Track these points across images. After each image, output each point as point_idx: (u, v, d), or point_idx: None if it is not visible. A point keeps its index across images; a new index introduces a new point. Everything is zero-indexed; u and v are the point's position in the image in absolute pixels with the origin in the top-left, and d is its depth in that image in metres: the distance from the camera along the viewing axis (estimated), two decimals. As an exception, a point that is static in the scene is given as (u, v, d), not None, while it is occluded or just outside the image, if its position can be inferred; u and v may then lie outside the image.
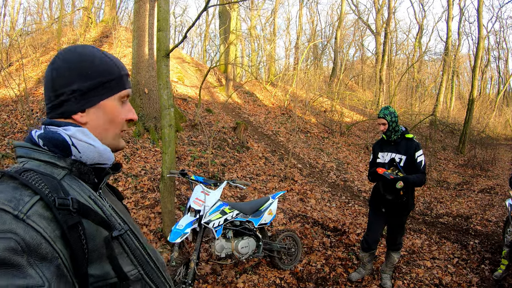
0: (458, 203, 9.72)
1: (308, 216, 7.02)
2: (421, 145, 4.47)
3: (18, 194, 0.81)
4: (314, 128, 15.44)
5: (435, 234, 6.93)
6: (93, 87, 1.02)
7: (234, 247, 4.32)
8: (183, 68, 17.99)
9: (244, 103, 16.38)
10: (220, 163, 8.65)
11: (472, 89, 18.62)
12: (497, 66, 38.03)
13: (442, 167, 14.52)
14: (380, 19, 28.37)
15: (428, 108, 25.44)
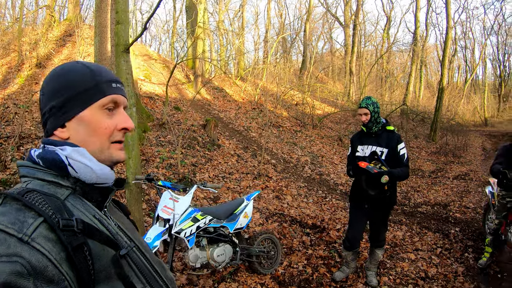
0: (434, 191, 9.71)
1: (285, 214, 6.75)
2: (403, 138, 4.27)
3: (22, 216, 0.79)
4: (286, 122, 15.23)
5: (416, 225, 6.84)
6: (68, 100, 0.98)
7: (210, 256, 3.96)
8: (150, 66, 17.41)
9: (213, 99, 15.99)
10: (191, 163, 8.26)
11: (441, 78, 18.94)
12: (463, 55, 39.35)
13: (415, 155, 14.62)
14: (348, 11, 28.54)
15: (398, 98, 25.77)
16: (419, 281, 4.67)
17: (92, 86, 0.99)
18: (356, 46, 25.60)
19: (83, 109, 0.98)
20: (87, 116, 0.98)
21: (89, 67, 1.03)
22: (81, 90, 0.98)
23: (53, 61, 13.29)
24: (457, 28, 34.91)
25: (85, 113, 0.98)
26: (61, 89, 0.98)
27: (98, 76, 1.01)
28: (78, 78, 0.99)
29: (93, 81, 1.00)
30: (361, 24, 31.39)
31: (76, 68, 1.01)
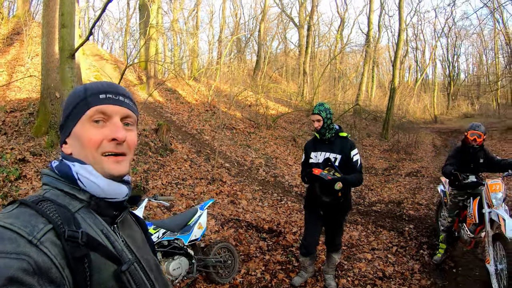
0: (388, 188, 9.99)
1: (240, 219, 6.71)
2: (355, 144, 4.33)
3: (34, 221, 0.84)
4: (240, 123, 15.19)
5: (371, 224, 7.01)
6: (66, 118, 1.04)
7: (165, 270, 3.87)
8: (101, 66, 16.80)
9: (166, 102, 15.68)
10: (143, 170, 8.03)
11: (393, 78, 19.62)
12: (414, 56, 41.40)
13: (368, 153, 15.01)
14: (303, 12, 28.87)
15: (351, 98, 26.40)
16: (377, 281, 4.78)
17: (80, 101, 1.02)
18: (310, 46, 25.97)
19: (75, 124, 1.02)
20: (77, 131, 1.02)
21: (87, 85, 1.06)
22: (73, 106, 1.02)
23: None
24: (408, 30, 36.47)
25: (76, 128, 1.02)
26: (63, 110, 1.06)
27: (88, 90, 1.04)
28: (72, 97, 1.05)
29: (83, 95, 1.03)
30: (315, 25, 31.92)
31: (77, 89, 1.06)
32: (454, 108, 37.88)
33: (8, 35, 14.40)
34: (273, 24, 35.82)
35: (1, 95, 10.52)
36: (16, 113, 8.76)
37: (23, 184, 6.20)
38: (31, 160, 6.83)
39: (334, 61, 28.50)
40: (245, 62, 28.84)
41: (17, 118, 8.51)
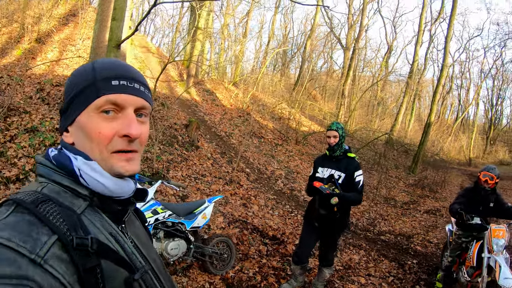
0: (402, 221, 9.94)
1: (248, 222, 6.94)
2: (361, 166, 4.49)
3: (35, 233, 0.73)
4: (269, 134, 15.44)
5: (374, 251, 7.02)
6: (69, 102, 0.91)
7: (164, 248, 4.21)
8: (147, 59, 17.53)
9: (202, 101, 16.15)
10: (167, 160, 8.43)
11: (430, 113, 19.31)
12: (458, 94, 40.34)
13: (392, 184, 14.90)
14: (351, 35, 28.88)
15: (387, 127, 26.13)
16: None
17: (87, 86, 0.89)
18: (353, 70, 25.92)
19: (80, 113, 0.89)
20: (82, 120, 0.89)
21: (95, 64, 0.93)
22: (78, 91, 0.89)
23: (52, 38, 13.36)
24: (455, 67, 35.80)
25: (81, 117, 0.89)
26: (66, 91, 0.93)
27: (98, 73, 0.90)
28: (78, 78, 0.91)
29: (91, 79, 0.89)
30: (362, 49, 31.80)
31: (83, 67, 0.93)
32: (491, 153, 36.77)
33: (65, 15, 15.34)
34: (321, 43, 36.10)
35: (50, 69, 11.30)
36: (60, 87, 9.41)
37: (55, 151, 6.71)
38: (66, 132, 7.33)
39: (375, 88, 28.38)
40: (288, 76, 29.11)
41: (60, 92, 9.14)
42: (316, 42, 33.36)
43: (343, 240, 7.18)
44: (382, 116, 29.56)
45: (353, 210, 9.63)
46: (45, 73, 10.80)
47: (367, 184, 12.69)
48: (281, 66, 33.38)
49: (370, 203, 10.83)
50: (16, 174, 5.59)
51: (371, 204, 10.75)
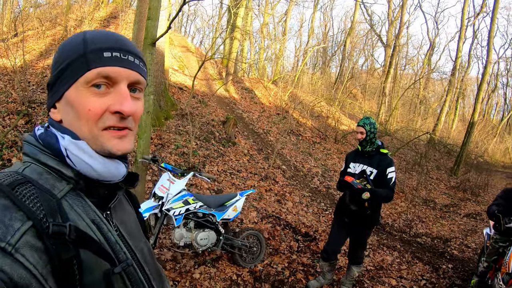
0: (440, 224, 9.65)
1: (281, 218, 6.96)
2: (394, 163, 4.39)
3: (8, 218, 0.67)
4: (308, 131, 15.37)
5: (409, 253, 6.84)
6: (57, 76, 0.84)
7: (194, 238, 4.30)
8: (187, 58, 17.93)
9: (240, 99, 16.31)
10: (203, 155, 8.60)
11: (473, 112, 18.54)
12: (504, 93, 38.14)
13: (432, 186, 14.47)
14: (392, 32, 28.12)
15: (429, 126, 25.37)
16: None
17: (77, 58, 0.82)
18: (393, 67, 25.25)
19: (69, 87, 0.83)
20: (71, 96, 0.83)
21: (85, 34, 0.85)
22: (68, 63, 0.82)
23: (94, 40, 13.92)
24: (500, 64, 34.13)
25: (69, 92, 0.83)
26: (54, 64, 0.86)
27: (89, 43, 0.83)
28: (68, 49, 0.84)
29: (81, 50, 0.82)
30: (403, 46, 30.93)
31: (73, 38, 0.86)
32: (539, 156, 34.88)
33: (106, 17, 16.01)
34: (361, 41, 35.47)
35: None
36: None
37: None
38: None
39: (417, 86, 27.60)
40: (328, 75, 28.85)
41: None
42: (356, 39, 32.83)
43: (377, 240, 7.06)
44: (424, 115, 28.68)
45: (390, 211, 9.46)
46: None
47: (406, 185, 12.38)
48: (321, 64, 33.11)
49: (408, 204, 10.56)
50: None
51: (409, 205, 10.47)
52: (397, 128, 20.45)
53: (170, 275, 4.34)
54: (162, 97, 9.84)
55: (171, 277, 4.29)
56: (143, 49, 4.80)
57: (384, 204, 9.78)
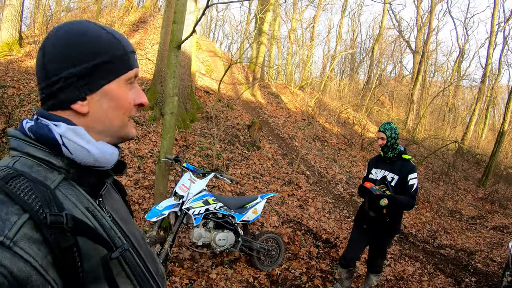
0: (465, 236, 9.41)
1: (302, 223, 6.94)
2: (416, 169, 4.32)
3: (4, 213, 0.68)
4: (333, 138, 15.28)
5: (431, 265, 6.69)
6: (94, 69, 0.86)
7: (212, 238, 4.35)
8: (214, 62, 18.16)
9: (266, 104, 16.37)
10: (227, 157, 8.68)
11: (503, 121, 17.95)
12: None
13: (459, 197, 14.12)
14: (421, 38, 27.52)
15: (457, 135, 24.76)
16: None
17: (120, 56, 0.90)
18: (422, 74, 24.67)
19: (110, 81, 0.89)
20: (113, 90, 0.89)
21: (112, 32, 0.92)
22: (109, 59, 0.88)
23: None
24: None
25: (111, 86, 0.89)
26: (85, 53, 0.86)
27: (127, 46, 0.93)
28: (106, 45, 0.88)
29: (121, 50, 0.91)
30: (432, 53, 30.24)
31: (98, 31, 0.89)
32: None
33: (135, 22, 16.43)
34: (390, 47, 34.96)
35: None
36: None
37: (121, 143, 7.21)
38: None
39: (446, 94, 26.96)
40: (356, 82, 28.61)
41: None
42: (385, 46, 32.40)
43: (400, 250, 6.94)
44: (453, 124, 27.95)
45: (414, 221, 9.29)
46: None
47: (432, 194, 12.11)
48: (349, 71, 32.86)
49: (434, 214, 10.34)
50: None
51: (434, 215, 10.24)
52: (425, 136, 20.05)
53: (187, 273, 4.40)
54: (188, 100, 10.00)
55: (188, 276, 4.36)
56: (169, 51, 4.91)
57: (409, 213, 9.62)
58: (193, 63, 10.78)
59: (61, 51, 0.85)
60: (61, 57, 0.84)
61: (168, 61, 4.93)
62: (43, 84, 0.87)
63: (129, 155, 7.09)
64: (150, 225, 5.19)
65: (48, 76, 0.85)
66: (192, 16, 9.15)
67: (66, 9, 16.48)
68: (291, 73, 24.81)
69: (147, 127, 8.54)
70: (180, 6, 4.78)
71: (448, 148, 17.73)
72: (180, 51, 4.93)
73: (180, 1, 4.79)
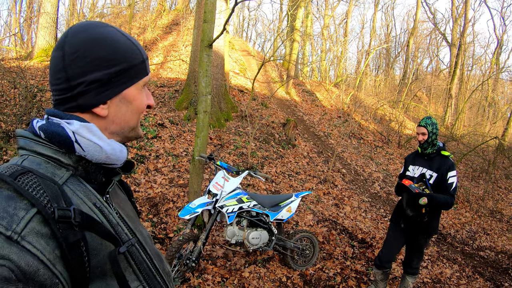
0: (507, 238, 8.99)
1: (338, 222, 6.84)
2: (455, 166, 4.14)
3: (12, 208, 0.70)
4: (370, 135, 14.97)
5: (470, 267, 6.42)
6: (116, 75, 0.89)
7: (246, 236, 4.35)
8: (248, 61, 18.19)
9: (301, 102, 16.25)
10: (262, 156, 8.67)
11: (545, 115, 17.08)
12: None
13: (500, 196, 13.52)
14: (457, 30, 26.52)
15: (498, 131, 23.70)
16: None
17: (140, 62, 0.95)
18: (459, 67, 23.64)
19: (130, 86, 0.93)
20: (132, 94, 0.94)
21: (131, 39, 0.96)
22: (130, 65, 0.92)
23: (157, 46, 14.60)
24: None
25: (130, 91, 0.94)
26: (108, 59, 0.88)
27: (144, 53, 0.98)
28: (128, 51, 0.92)
29: (141, 56, 0.96)
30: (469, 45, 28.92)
31: (121, 38, 0.92)
32: None
33: (168, 24, 16.70)
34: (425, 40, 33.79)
35: (155, 72, 12.48)
36: (164, 88, 10.29)
37: (157, 143, 7.37)
38: (168, 126, 8.05)
39: (485, 87, 25.82)
40: (392, 77, 27.94)
41: (164, 92, 10.00)
42: (420, 39, 31.25)
43: (437, 251, 6.70)
44: (493, 119, 26.67)
45: (453, 221, 8.95)
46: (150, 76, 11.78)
47: (472, 193, 11.63)
48: (384, 66, 32.13)
49: (473, 214, 9.91)
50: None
51: (474, 216, 9.81)
52: (464, 132, 19.30)
53: (220, 271, 4.42)
54: (223, 99, 10.05)
55: (220, 274, 4.37)
56: (200, 50, 4.94)
57: (448, 213, 9.30)
58: (226, 62, 10.84)
59: (83, 55, 0.85)
60: (83, 62, 0.85)
61: (200, 60, 4.96)
62: (61, 86, 0.88)
63: (164, 154, 7.20)
64: (184, 223, 5.24)
65: (68, 80, 0.86)
66: (223, 15, 9.19)
67: (100, 15, 16.96)
68: (325, 70, 24.55)
69: (182, 127, 8.64)
70: (209, 5, 4.80)
71: (488, 144, 16.86)
72: (211, 50, 4.95)
73: (209, 0, 4.80)
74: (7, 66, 9.10)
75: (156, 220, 5.30)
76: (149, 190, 5.98)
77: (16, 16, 18.21)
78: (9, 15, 20.35)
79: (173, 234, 5.02)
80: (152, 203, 5.64)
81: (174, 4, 22.73)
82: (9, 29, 18.83)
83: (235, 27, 36.67)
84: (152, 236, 4.87)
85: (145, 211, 5.45)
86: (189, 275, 4.13)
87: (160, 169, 6.76)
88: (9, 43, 16.75)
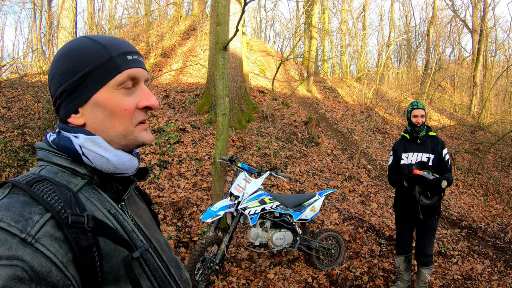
0: (540, 230, 8.67)
1: (364, 220, 6.73)
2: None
3: (27, 212, 0.73)
4: (394, 129, 14.71)
5: (502, 262, 6.18)
6: (79, 82, 0.88)
7: (269, 237, 4.33)
8: (267, 62, 18.18)
9: (323, 99, 16.12)
10: (285, 155, 8.62)
11: None
12: None
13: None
14: (477, 15, 25.61)
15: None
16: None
17: (104, 62, 0.88)
18: (482, 54, 22.78)
19: (97, 90, 0.88)
20: (102, 98, 0.89)
21: (98, 40, 0.91)
22: (93, 68, 0.87)
23: (176, 52, 14.76)
24: None
25: (99, 95, 0.88)
26: (70, 69, 0.88)
27: (111, 49, 0.90)
28: (88, 55, 0.88)
29: (106, 55, 0.89)
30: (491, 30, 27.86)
31: (85, 43, 0.90)
32: None
33: (186, 30, 16.91)
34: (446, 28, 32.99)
35: (175, 78, 12.64)
36: (184, 93, 10.39)
37: (179, 148, 7.43)
38: (190, 131, 8.09)
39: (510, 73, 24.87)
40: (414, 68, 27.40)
41: (185, 97, 10.10)
42: (440, 28, 30.42)
43: (468, 246, 6.50)
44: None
45: (483, 214, 8.65)
46: (170, 82, 12.17)
47: (502, 184, 11.19)
48: (406, 58, 31.51)
49: (504, 206, 9.55)
50: (145, 168, 6.32)
51: (505, 207, 9.45)
52: (491, 121, 18.70)
53: (245, 273, 4.42)
54: (243, 100, 10.06)
55: (245, 276, 4.37)
56: (215, 53, 4.95)
57: (478, 205, 9.08)
58: (245, 64, 10.85)
59: (54, 74, 0.90)
60: (54, 80, 0.90)
61: (216, 63, 4.98)
62: (52, 102, 0.95)
63: (187, 158, 7.26)
64: (208, 226, 5.26)
65: (52, 95, 0.93)
66: (237, 17, 9.20)
67: (118, 26, 17.26)
68: (346, 65, 24.25)
69: (204, 130, 8.69)
70: (221, 8, 4.81)
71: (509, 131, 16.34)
72: (226, 52, 4.95)
73: (221, 3, 4.81)
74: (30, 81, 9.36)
75: (180, 224, 5.34)
76: (173, 195, 6.04)
77: (37, 32, 18.80)
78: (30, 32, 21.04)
79: (197, 238, 5.05)
80: (176, 207, 5.69)
81: (191, 10, 22.98)
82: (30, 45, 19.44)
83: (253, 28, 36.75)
84: (177, 240, 4.91)
85: (169, 215, 5.51)
86: (213, 278, 4.15)
87: (183, 173, 6.81)
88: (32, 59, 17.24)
